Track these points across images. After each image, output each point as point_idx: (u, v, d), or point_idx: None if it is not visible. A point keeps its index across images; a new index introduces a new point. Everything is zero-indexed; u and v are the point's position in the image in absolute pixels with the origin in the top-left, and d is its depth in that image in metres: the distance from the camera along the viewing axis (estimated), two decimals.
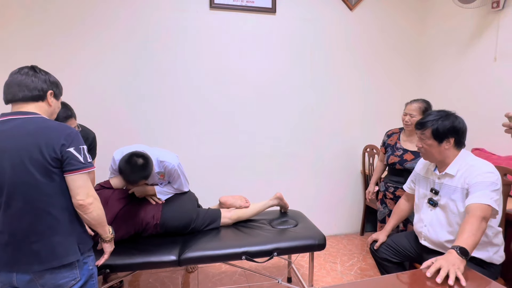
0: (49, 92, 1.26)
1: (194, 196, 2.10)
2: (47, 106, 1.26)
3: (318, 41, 2.89)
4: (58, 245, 1.18)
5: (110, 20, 2.48)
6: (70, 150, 1.17)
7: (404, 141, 2.21)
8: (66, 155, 1.16)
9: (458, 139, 1.52)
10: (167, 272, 2.47)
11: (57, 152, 1.15)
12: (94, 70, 2.49)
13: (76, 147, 1.19)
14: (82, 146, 1.22)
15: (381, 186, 2.33)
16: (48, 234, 1.17)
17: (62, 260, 1.18)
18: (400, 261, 1.76)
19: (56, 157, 1.15)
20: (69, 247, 1.21)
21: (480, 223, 1.29)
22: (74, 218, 1.24)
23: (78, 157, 1.18)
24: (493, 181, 1.39)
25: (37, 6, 2.35)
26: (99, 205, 1.27)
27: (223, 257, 1.75)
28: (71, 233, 1.22)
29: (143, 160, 1.73)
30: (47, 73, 1.28)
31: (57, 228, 1.18)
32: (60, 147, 1.15)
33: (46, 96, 1.25)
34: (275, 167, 2.94)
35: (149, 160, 1.76)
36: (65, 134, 1.18)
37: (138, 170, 1.72)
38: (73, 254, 1.21)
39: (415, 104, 2.10)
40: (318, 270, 2.53)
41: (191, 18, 2.62)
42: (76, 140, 1.20)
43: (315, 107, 2.96)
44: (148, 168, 1.75)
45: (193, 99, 2.70)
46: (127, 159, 1.72)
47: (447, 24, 2.80)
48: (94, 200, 1.23)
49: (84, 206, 1.20)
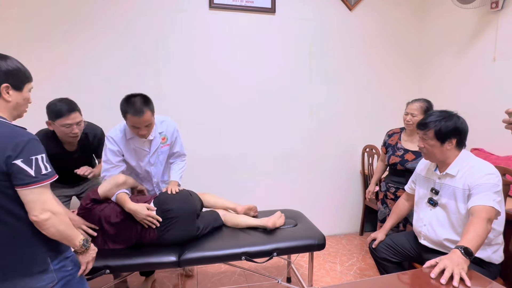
0: (3, 86, 1.08)
1: (194, 205, 1.88)
2: (4, 102, 1.10)
3: (317, 41, 2.89)
4: (22, 256, 1.09)
5: (110, 19, 2.48)
6: (17, 162, 1.02)
7: (405, 141, 2.20)
8: (12, 168, 1.02)
9: (460, 140, 1.52)
10: (167, 273, 2.46)
11: (2, 166, 1.02)
12: (92, 70, 2.48)
13: (26, 158, 1.04)
14: (35, 156, 1.06)
15: (382, 186, 2.33)
16: (8, 245, 1.08)
17: (29, 270, 1.10)
18: (400, 261, 1.76)
19: (1, 171, 1.02)
20: (36, 256, 1.11)
21: (485, 225, 1.30)
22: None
23: (27, 171, 1.04)
24: (495, 183, 1.40)
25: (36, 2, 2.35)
26: (60, 219, 1.12)
27: (222, 257, 1.75)
28: (35, 242, 1.11)
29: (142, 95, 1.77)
30: (2, 60, 1.10)
31: (17, 239, 1.09)
32: (5, 159, 1.02)
33: (0, 92, 1.09)
34: (274, 167, 2.94)
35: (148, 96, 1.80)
36: (13, 144, 1.03)
37: (140, 97, 1.73)
38: (40, 264, 1.12)
39: (416, 103, 2.09)
40: (318, 270, 2.53)
41: (191, 18, 2.62)
42: (27, 150, 1.04)
43: (315, 107, 2.96)
44: (149, 98, 1.77)
45: (193, 99, 2.70)
46: (126, 98, 1.74)
47: (446, 25, 2.81)
48: (51, 216, 1.08)
49: (38, 223, 1.07)
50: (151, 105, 1.78)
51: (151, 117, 1.77)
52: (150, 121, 1.76)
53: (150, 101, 1.78)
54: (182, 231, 1.78)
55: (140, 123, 1.72)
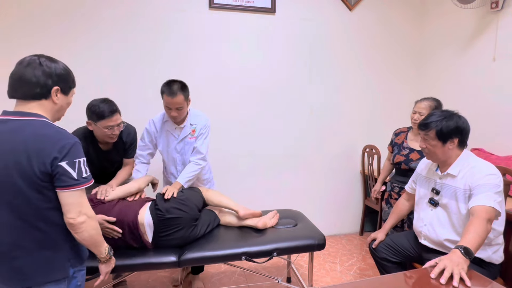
0: (54, 89, 1.11)
1: (191, 212, 1.81)
2: (52, 104, 1.13)
3: (317, 41, 2.89)
4: (46, 261, 1.09)
5: (109, 19, 2.48)
6: (62, 164, 1.04)
7: (411, 140, 2.19)
8: (57, 169, 1.04)
9: (462, 139, 1.52)
10: (167, 272, 2.46)
11: (47, 166, 1.03)
12: (91, 70, 2.48)
13: (70, 161, 1.06)
14: (79, 159, 1.09)
15: (388, 186, 2.32)
16: (34, 250, 1.07)
17: (49, 277, 1.10)
18: (400, 261, 1.76)
19: (45, 171, 1.03)
20: (58, 263, 1.12)
21: (485, 225, 1.30)
22: (68, 233, 1.13)
23: (71, 173, 1.06)
24: (496, 183, 1.40)
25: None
26: (92, 224, 1.15)
27: (223, 257, 1.75)
28: (61, 248, 1.12)
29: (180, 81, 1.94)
30: (54, 63, 1.13)
31: (46, 244, 1.09)
32: (52, 161, 1.03)
33: (50, 94, 1.11)
34: (274, 167, 2.94)
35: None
36: (59, 146, 1.05)
37: (178, 82, 1.91)
38: (61, 271, 1.12)
39: (425, 102, 2.05)
40: (318, 270, 2.53)
41: (191, 18, 2.62)
42: (72, 153, 1.07)
43: (315, 107, 2.96)
44: (186, 85, 1.93)
45: (192, 99, 2.69)
46: (166, 81, 1.93)
47: (446, 25, 2.81)
48: (87, 219, 1.11)
49: (74, 226, 1.09)
50: (186, 92, 1.94)
51: (184, 101, 1.92)
52: (181, 104, 1.91)
53: (187, 88, 1.94)
54: (177, 239, 1.75)
55: (172, 103, 1.89)
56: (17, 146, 1.03)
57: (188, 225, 1.77)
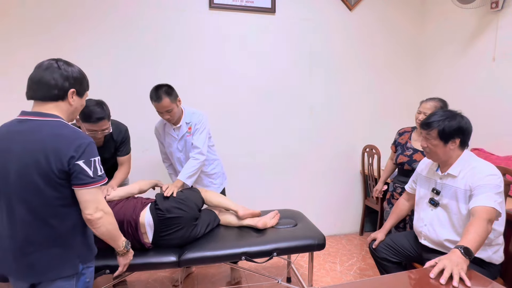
0: (71, 91, 1.17)
1: (191, 212, 1.81)
2: (68, 105, 1.19)
3: (317, 41, 2.89)
4: (56, 258, 1.14)
5: (109, 19, 2.48)
6: (79, 163, 1.10)
7: (415, 140, 2.17)
8: (74, 168, 1.10)
9: (464, 140, 1.51)
10: (167, 272, 2.46)
11: (64, 165, 1.08)
12: (90, 69, 2.46)
13: (87, 159, 1.12)
14: (94, 158, 1.15)
15: (390, 186, 2.32)
16: (46, 246, 1.12)
17: (59, 273, 1.14)
18: (400, 261, 1.76)
19: (63, 169, 1.09)
20: (67, 260, 1.16)
21: (486, 226, 1.29)
22: (78, 230, 1.18)
23: (87, 171, 1.12)
24: (497, 184, 1.40)
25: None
26: (109, 219, 1.22)
27: (223, 257, 1.75)
28: (71, 245, 1.17)
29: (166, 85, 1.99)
30: (71, 67, 1.20)
31: (57, 240, 1.13)
32: (69, 160, 1.08)
33: (67, 96, 1.17)
34: (274, 167, 2.94)
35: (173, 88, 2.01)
36: (76, 145, 1.10)
37: (163, 86, 1.96)
38: (71, 267, 1.16)
39: (430, 102, 2.03)
40: (318, 270, 2.53)
41: (191, 18, 2.62)
42: (87, 152, 1.13)
43: (315, 107, 2.96)
44: (172, 88, 1.98)
45: (192, 99, 2.69)
46: (153, 87, 1.98)
47: (446, 24, 2.81)
48: (103, 215, 1.18)
49: (92, 221, 1.16)
50: (173, 94, 1.97)
51: (171, 104, 1.95)
52: (169, 107, 1.95)
53: (172, 90, 1.98)
54: (177, 239, 1.75)
55: (160, 108, 1.96)
56: (35, 146, 1.08)
57: (188, 224, 1.77)
